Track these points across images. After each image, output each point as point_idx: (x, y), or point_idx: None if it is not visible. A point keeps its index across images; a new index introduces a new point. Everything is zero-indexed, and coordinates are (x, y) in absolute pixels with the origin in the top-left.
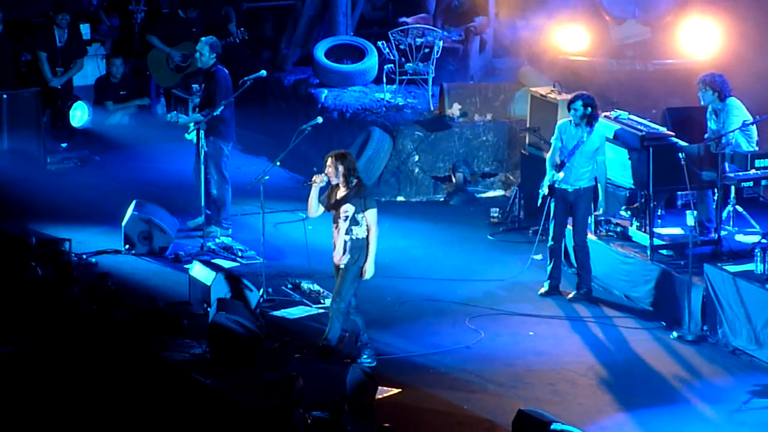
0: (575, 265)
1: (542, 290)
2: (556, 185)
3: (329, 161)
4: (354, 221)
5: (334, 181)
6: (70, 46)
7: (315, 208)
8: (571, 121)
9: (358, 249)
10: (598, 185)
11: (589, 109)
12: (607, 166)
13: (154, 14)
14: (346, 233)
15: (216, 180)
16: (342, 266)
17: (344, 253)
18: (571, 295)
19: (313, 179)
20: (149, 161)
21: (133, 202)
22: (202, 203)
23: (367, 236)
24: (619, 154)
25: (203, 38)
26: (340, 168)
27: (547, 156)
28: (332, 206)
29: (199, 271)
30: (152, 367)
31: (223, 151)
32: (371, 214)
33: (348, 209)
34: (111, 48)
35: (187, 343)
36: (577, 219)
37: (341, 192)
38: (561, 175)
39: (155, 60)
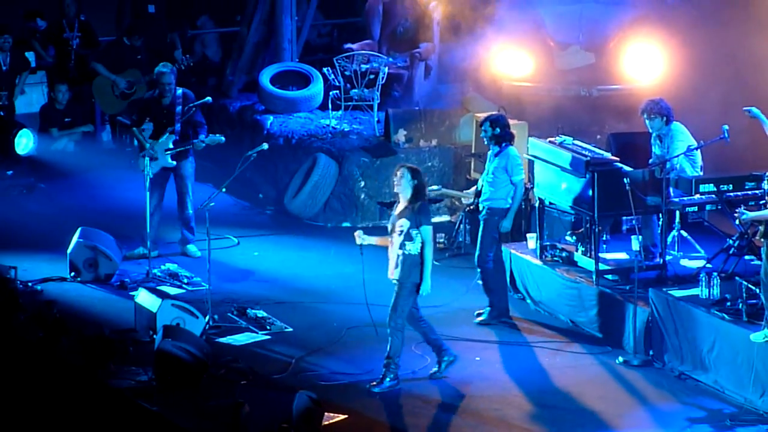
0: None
1: (479, 319)
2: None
3: (400, 172)
4: (408, 236)
5: (396, 190)
6: (15, 69)
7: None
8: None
9: (411, 265)
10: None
11: (498, 129)
12: (551, 191)
13: (89, 40)
14: (399, 248)
15: (191, 197)
16: (395, 281)
17: (396, 268)
18: (479, 318)
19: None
20: (94, 188)
21: (79, 230)
22: (147, 231)
23: (421, 252)
24: (564, 179)
25: (164, 68)
26: (414, 182)
27: None
28: (390, 222)
29: (144, 298)
30: (98, 394)
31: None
32: (426, 231)
33: (403, 224)
34: (47, 76)
35: (133, 370)
36: (480, 238)
37: (400, 207)
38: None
39: (100, 87)
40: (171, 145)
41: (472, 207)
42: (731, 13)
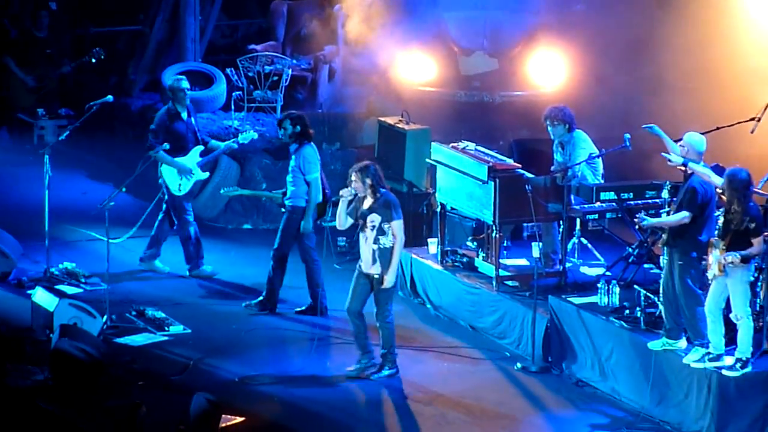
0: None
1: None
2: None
3: (354, 176)
4: (381, 231)
5: (362, 194)
6: None
7: (343, 220)
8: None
9: (388, 259)
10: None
11: (298, 127)
12: (453, 196)
13: (3, 37)
14: (374, 242)
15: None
16: (376, 276)
17: (374, 263)
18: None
19: (340, 193)
20: None
21: None
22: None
23: (393, 246)
24: (465, 185)
25: (179, 76)
26: (367, 180)
27: None
28: (360, 216)
29: (41, 297)
30: None
31: None
32: (396, 225)
33: (374, 219)
34: None
35: (30, 370)
36: (280, 234)
37: (368, 202)
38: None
39: (10, 81)
40: (199, 158)
41: (282, 206)
42: (635, 21)
